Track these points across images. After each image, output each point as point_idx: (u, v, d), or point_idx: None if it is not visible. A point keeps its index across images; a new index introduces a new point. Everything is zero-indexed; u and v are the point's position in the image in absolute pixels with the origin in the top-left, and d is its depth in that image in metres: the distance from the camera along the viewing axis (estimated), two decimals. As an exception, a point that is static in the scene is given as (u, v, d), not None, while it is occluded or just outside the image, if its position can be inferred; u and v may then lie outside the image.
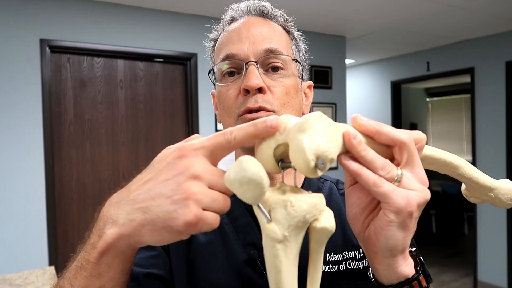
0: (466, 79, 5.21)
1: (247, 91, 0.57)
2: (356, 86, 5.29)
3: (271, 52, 0.59)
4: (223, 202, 0.37)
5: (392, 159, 0.41)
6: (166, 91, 2.98)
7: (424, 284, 0.42)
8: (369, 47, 4.28)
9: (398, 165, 0.40)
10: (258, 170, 0.35)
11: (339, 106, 3.74)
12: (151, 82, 2.92)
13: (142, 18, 2.81)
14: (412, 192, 0.38)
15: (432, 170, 0.52)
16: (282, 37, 0.63)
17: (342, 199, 0.67)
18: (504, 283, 3.61)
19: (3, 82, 2.37)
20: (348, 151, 0.39)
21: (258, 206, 0.38)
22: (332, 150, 0.37)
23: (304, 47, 0.69)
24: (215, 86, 0.66)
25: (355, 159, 0.38)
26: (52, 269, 1.91)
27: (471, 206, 4.04)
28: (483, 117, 3.78)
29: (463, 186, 0.54)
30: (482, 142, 3.79)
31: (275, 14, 0.65)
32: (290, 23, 0.67)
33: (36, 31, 2.46)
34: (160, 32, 2.88)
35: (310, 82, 0.70)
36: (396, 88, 4.79)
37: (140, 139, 2.88)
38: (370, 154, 0.38)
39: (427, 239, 5.71)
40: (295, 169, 0.38)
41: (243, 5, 0.65)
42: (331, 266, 0.59)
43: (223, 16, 0.67)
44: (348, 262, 0.59)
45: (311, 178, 0.63)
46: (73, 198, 2.65)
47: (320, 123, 0.37)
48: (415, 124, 6.69)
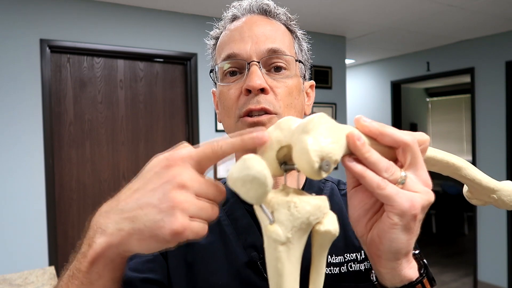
0: (466, 79, 5.21)
1: (249, 91, 0.57)
2: (356, 86, 5.29)
3: (274, 52, 0.58)
4: (210, 210, 0.37)
5: (395, 160, 0.40)
6: (166, 91, 2.98)
7: (428, 287, 0.42)
8: (369, 47, 4.28)
9: (401, 167, 0.39)
10: (262, 169, 0.34)
11: (339, 106, 3.74)
12: (151, 82, 2.92)
13: (142, 18, 2.81)
14: (416, 194, 0.38)
15: (440, 174, 0.52)
16: (285, 36, 0.62)
17: (343, 200, 0.67)
18: (504, 283, 3.61)
19: (3, 82, 2.37)
20: (351, 153, 0.38)
21: (261, 206, 0.37)
22: (336, 151, 0.36)
23: (307, 46, 0.68)
24: (216, 85, 0.65)
25: (359, 160, 0.38)
26: (52, 269, 1.91)
27: (471, 206, 4.04)
28: (483, 117, 3.78)
29: (465, 188, 0.53)
30: (482, 142, 3.79)
31: (278, 13, 0.63)
32: (293, 22, 0.65)
33: (36, 31, 2.46)
34: (160, 32, 2.88)
35: (312, 82, 0.69)
36: (396, 88, 4.79)
37: (140, 139, 2.88)
38: (373, 156, 0.37)
39: (427, 239, 5.71)
40: (298, 171, 0.37)
41: (246, 3, 0.64)
42: (332, 268, 0.58)
43: (225, 14, 0.66)
44: (350, 264, 0.58)
45: (312, 179, 0.64)
46: (73, 198, 2.65)
47: (323, 125, 0.36)
48: (415, 124, 6.68)
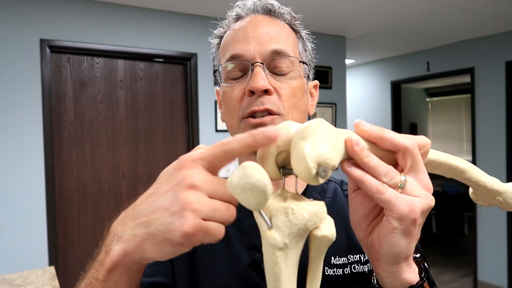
0: (466, 79, 5.21)
1: (252, 93, 0.56)
2: (356, 86, 5.29)
3: (277, 53, 0.58)
4: (225, 211, 0.36)
5: (396, 164, 0.40)
6: (166, 91, 2.98)
7: None
8: (369, 47, 4.28)
9: (402, 171, 0.39)
10: (262, 177, 0.35)
11: (339, 106, 3.74)
12: (151, 82, 2.92)
13: (142, 18, 2.81)
14: (416, 198, 0.37)
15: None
16: (289, 36, 0.61)
17: (346, 200, 0.65)
18: (504, 283, 3.61)
19: (3, 82, 2.37)
20: (350, 157, 0.38)
21: (260, 212, 0.37)
22: (334, 157, 0.36)
23: (311, 46, 0.67)
24: (219, 84, 0.65)
25: (358, 165, 0.38)
26: (52, 269, 1.91)
27: (471, 206, 4.04)
28: (483, 117, 3.78)
29: (471, 190, 0.53)
30: (482, 142, 3.79)
31: (282, 13, 0.63)
32: (297, 22, 0.65)
33: (36, 31, 2.46)
34: (160, 32, 2.88)
35: (316, 82, 0.69)
36: (396, 88, 4.79)
37: (140, 139, 2.88)
38: (372, 160, 0.37)
39: (427, 239, 5.71)
40: (296, 176, 0.38)
41: (250, 2, 0.63)
42: (335, 269, 0.57)
43: (228, 13, 0.65)
44: (353, 265, 0.57)
45: None
46: (73, 198, 2.65)
47: (321, 130, 0.36)
48: (415, 124, 6.69)
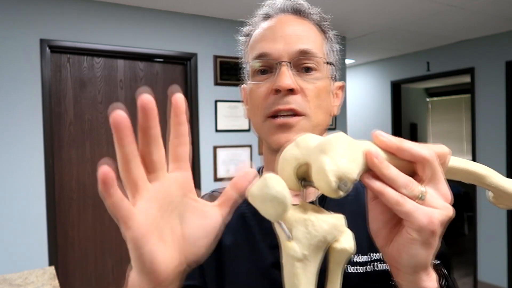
0: (466, 79, 5.21)
1: (277, 91, 0.57)
2: (356, 86, 5.29)
3: (304, 53, 0.58)
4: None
5: (415, 173, 0.40)
6: (166, 91, 2.97)
7: None
8: (369, 47, 4.28)
9: (421, 181, 0.39)
10: (282, 189, 0.36)
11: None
12: (151, 82, 2.92)
13: (142, 18, 2.81)
14: (435, 210, 0.37)
15: None
16: (317, 37, 0.62)
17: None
18: (504, 283, 3.61)
19: (3, 82, 2.37)
20: (370, 169, 0.38)
21: (279, 223, 0.38)
22: (354, 170, 0.36)
23: (338, 47, 0.67)
24: (245, 82, 0.66)
25: (378, 176, 0.38)
26: (52, 269, 1.91)
27: (471, 206, 4.04)
28: (483, 117, 3.78)
29: (490, 194, 0.53)
30: (482, 142, 3.80)
31: (311, 13, 0.63)
32: (325, 22, 0.65)
33: (36, 31, 2.46)
34: (160, 32, 2.88)
35: (342, 83, 0.69)
36: (396, 88, 4.79)
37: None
38: (392, 172, 0.37)
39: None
40: (317, 188, 0.38)
41: (279, 1, 0.63)
42: (357, 267, 0.58)
43: (257, 12, 0.66)
44: (375, 263, 0.57)
45: None
46: (73, 198, 2.65)
47: (341, 144, 0.37)
48: (415, 124, 6.68)
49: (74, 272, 2.65)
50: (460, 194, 5.78)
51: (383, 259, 0.57)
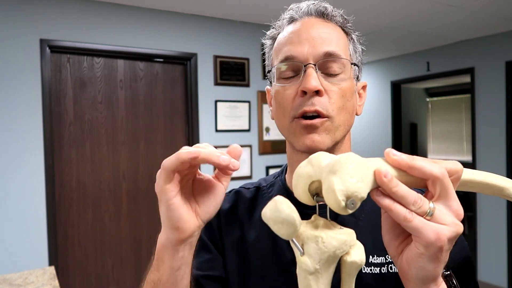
0: (466, 79, 5.21)
1: (304, 93, 0.58)
2: (356, 86, 5.28)
3: (330, 55, 0.60)
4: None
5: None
6: (166, 91, 2.98)
7: None
8: (369, 47, 4.28)
9: (432, 196, 0.40)
10: (291, 212, 0.39)
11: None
12: (151, 82, 2.92)
13: (142, 18, 2.81)
14: (444, 227, 0.38)
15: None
16: (341, 39, 0.63)
17: None
18: (504, 283, 3.61)
19: (3, 82, 2.37)
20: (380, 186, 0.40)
21: (292, 241, 0.42)
22: (362, 189, 0.38)
23: (361, 48, 0.69)
24: (271, 83, 0.67)
25: (387, 194, 0.39)
26: (52, 269, 1.91)
27: (471, 206, 4.04)
28: (483, 117, 3.78)
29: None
30: (482, 142, 3.79)
31: (334, 15, 0.64)
32: (348, 24, 0.66)
33: (36, 31, 2.46)
34: (160, 32, 2.88)
35: (365, 82, 0.70)
36: (396, 88, 4.79)
37: (140, 139, 2.88)
38: (401, 190, 0.38)
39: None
40: (327, 204, 0.40)
41: (304, 5, 0.65)
42: (373, 267, 0.59)
43: (282, 15, 0.67)
44: (390, 265, 0.59)
45: None
46: (73, 198, 2.65)
47: (350, 165, 0.39)
48: (415, 124, 6.68)
49: (74, 272, 2.65)
50: (460, 194, 5.78)
51: None
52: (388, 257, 0.59)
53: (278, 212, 0.40)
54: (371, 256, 0.59)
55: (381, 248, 0.57)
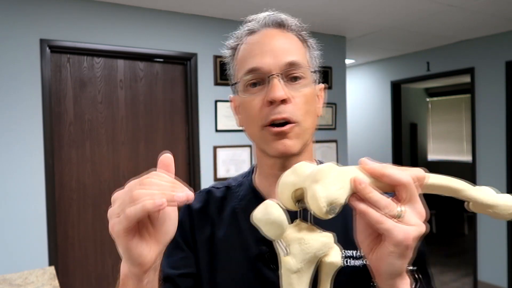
0: (466, 79, 5.21)
1: (271, 102, 0.62)
2: (356, 86, 5.29)
3: (292, 65, 0.64)
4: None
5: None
6: (166, 91, 2.98)
7: None
8: (369, 47, 4.28)
9: (400, 200, 0.45)
10: (280, 215, 0.44)
11: (339, 106, 3.74)
12: (151, 82, 2.92)
13: (142, 18, 2.81)
14: (410, 227, 0.44)
15: (436, 173, 0.56)
16: (300, 47, 0.67)
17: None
18: (504, 283, 3.61)
19: (3, 82, 2.37)
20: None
21: (278, 242, 0.46)
22: (342, 195, 0.43)
23: (317, 53, 0.72)
24: (233, 92, 0.71)
25: (363, 199, 0.44)
26: (52, 269, 1.91)
27: (471, 206, 4.04)
28: (483, 117, 3.78)
29: (470, 203, 0.59)
30: (482, 142, 3.80)
31: (291, 25, 0.68)
32: (304, 32, 0.70)
33: (36, 31, 2.46)
34: (160, 32, 2.88)
35: (322, 85, 0.74)
36: (396, 88, 4.79)
37: (140, 139, 2.88)
38: (375, 196, 0.44)
39: (427, 239, 5.69)
40: (310, 209, 0.45)
41: (261, 16, 0.69)
42: (345, 260, 0.63)
43: (241, 27, 0.70)
44: (347, 260, 0.63)
45: None
46: (73, 198, 2.65)
47: (331, 174, 0.43)
48: (415, 124, 6.68)
49: (74, 272, 2.65)
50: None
51: (355, 256, 0.65)
52: (346, 251, 0.64)
53: (268, 214, 0.44)
54: (343, 250, 0.62)
55: (351, 242, 0.60)
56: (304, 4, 2.82)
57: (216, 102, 3.06)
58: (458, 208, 5.89)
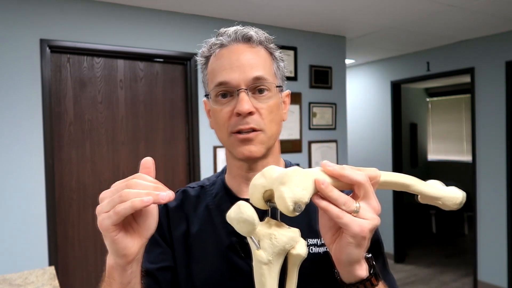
0: (466, 79, 5.21)
1: (239, 114, 0.69)
2: (356, 86, 5.29)
3: (258, 79, 0.70)
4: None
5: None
6: (166, 91, 2.98)
7: (375, 282, 0.55)
8: (369, 47, 4.28)
9: (357, 197, 0.52)
10: (251, 213, 0.50)
11: (339, 106, 3.74)
12: (151, 82, 2.92)
13: (142, 18, 2.81)
14: (366, 221, 0.50)
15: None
16: (266, 62, 0.73)
17: None
18: (504, 283, 3.61)
19: (3, 82, 2.37)
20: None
21: (251, 237, 0.52)
22: (306, 195, 0.49)
23: (283, 64, 0.78)
24: (206, 96, 0.77)
25: (324, 197, 0.50)
26: (52, 269, 1.91)
27: (471, 206, 4.04)
28: (483, 117, 3.78)
29: (419, 196, 0.66)
30: (482, 142, 3.80)
31: (259, 40, 0.74)
32: (272, 44, 0.76)
33: (36, 31, 2.46)
34: (160, 32, 2.88)
35: (288, 92, 0.81)
36: (396, 88, 4.79)
37: (140, 139, 2.88)
38: (335, 194, 0.50)
39: (427, 239, 5.71)
40: (278, 209, 0.51)
41: (231, 31, 0.74)
42: (309, 247, 0.70)
43: (213, 40, 0.76)
44: (311, 247, 0.70)
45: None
46: (73, 198, 2.65)
47: (296, 176, 0.49)
48: (415, 124, 6.68)
49: (74, 272, 2.65)
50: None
51: (318, 244, 0.72)
52: (309, 240, 0.71)
53: (241, 213, 0.50)
54: (308, 239, 0.70)
55: (303, 233, 0.66)
56: (304, 4, 2.82)
57: (216, 102, 3.06)
58: (458, 208, 5.89)
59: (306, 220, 0.72)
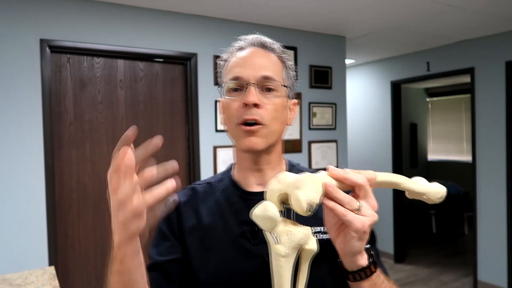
0: (466, 79, 5.21)
1: (246, 105, 0.76)
2: (356, 86, 5.29)
3: (266, 78, 0.78)
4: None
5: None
6: (166, 91, 2.98)
7: (373, 269, 0.65)
8: (369, 47, 4.28)
9: (358, 197, 0.61)
10: (275, 212, 0.58)
11: (339, 106, 3.74)
12: (151, 82, 2.92)
13: (142, 18, 2.81)
14: (366, 218, 0.60)
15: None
16: (276, 66, 0.82)
17: None
18: (504, 283, 3.61)
19: (3, 82, 2.37)
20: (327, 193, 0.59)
21: (271, 233, 0.60)
22: (317, 197, 0.58)
23: (294, 74, 0.87)
24: (221, 96, 0.85)
25: (331, 198, 0.59)
26: (52, 269, 1.91)
27: (471, 206, 4.04)
28: (483, 117, 3.78)
29: (407, 192, 0.73)
30: (482, 142, 3.80)
31: (273, 47, 0.83)
32: (284, 55, 0.85)
33: (36, 31, 2.46)
34: (160, 32, 2.88)
35: (295, 100, 0.88)
36: (396, 88, 4.79)
37: (140, 139, 2.86)
38: (340, 195, 0.59)
39: (427, 239, 5.71)
40: (293, 210, 0.59)
41: (250, 37, 0.84)
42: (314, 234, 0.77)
43: (234, 44, 0.86)
44: (316, 234, 0.77)
45: (292, 168, 0.89)
46: (73, 198, 2.65)
47: (308, 181, 0.58)
48: (415, 124, 6.69)
49: (74, 272, 2.65)
50: (460, 194, 5.78)
51: (322, 231, 0.79)
52: (315, 228, 0.77)
53: (266, 211, 0.58)
54: (315, 227, 0.77)
55: (310, 221, 0.73)
56: (304, 4, 2.82)
57: (216, 102, 3.06)
58: (458, 208, 5.90)
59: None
